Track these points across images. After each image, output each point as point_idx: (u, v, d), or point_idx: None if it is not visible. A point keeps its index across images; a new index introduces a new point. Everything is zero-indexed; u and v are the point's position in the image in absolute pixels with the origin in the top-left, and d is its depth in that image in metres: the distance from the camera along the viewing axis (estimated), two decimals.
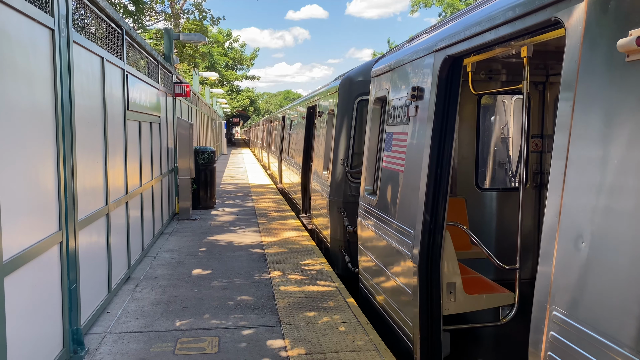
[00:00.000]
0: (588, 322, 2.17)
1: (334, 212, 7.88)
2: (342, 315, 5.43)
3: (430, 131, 4.09)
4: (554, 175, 2.46)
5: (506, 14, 3.05)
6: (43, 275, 3.93)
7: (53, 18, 4.10)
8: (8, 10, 3.35)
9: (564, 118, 2.42)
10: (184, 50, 26.67)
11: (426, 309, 4.15)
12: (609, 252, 2.11)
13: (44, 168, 3.96)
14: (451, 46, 3.87)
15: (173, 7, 26.89)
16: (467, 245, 5.56)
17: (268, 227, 10.44)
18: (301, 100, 14.26)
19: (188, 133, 11.15)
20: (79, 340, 4.48)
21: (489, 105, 6.55)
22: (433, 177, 4.08)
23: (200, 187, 12.50)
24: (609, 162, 2.14)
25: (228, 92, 53.28)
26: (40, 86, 3.91)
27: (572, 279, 2.30)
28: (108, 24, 5.97)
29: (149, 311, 5.55)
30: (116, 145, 6.13)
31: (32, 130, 3.74)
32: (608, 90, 2.17)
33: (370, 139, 6.04)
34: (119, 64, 6.31)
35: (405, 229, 4.45)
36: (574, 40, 2.39)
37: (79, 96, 4.74)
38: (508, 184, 6.64)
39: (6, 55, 3.32)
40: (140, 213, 7.59)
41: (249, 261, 7.69)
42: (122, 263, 6.50)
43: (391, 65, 5.36)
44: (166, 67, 10.51)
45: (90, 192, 5.10)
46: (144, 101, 7.79)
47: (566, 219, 2.35)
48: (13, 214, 3.37)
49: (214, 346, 4.67)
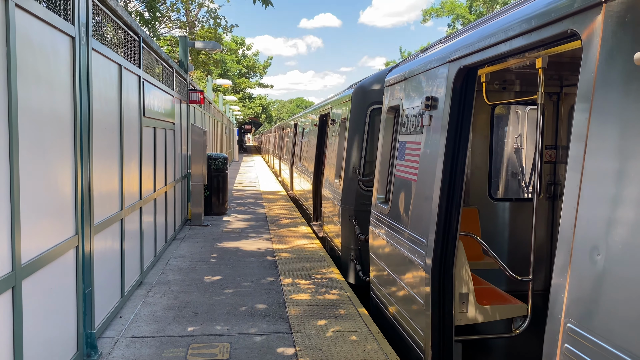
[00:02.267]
0: (603, 335, 2.16)
1: (346, 220, 7.88)
2: (353, 324, 5.43)
3: (444, 141, 4.10)
4: (569, 187, 2.45)
5: (522, 26, 3.06)
6: (59, 278, 3.98)
7: (73, 26, 4.18)
8: (31, 19, 3.43)
9: (579, 129, 2.42)
10: (198, 57, 26.94)
11: (438, 319, 4.13)
12: (624, 264, 2.10)
13: (62, 173, 4.03)
14: (466, 57, 3.89)
15: (188, 14, 27.21)
16: (480, 256, 5.53)
17: (279, 234, 10.47)
18: (314, 108, 14.32)
19: (201, 140, 11.24)
20: (93, 344, 4.52)
21: (502, 115, 6.53)
22: (446, 187, 4.08)
23: (213, 193, 12.58)
24: (625, 174, 2.14)
25: (241, 99, 53.61)
26: (60, 92, 3.98)
27: (587, 291, 2.29)
28: (126, 32, 6.07)
29: (161, 316, 5.59)
30: (132, 151, 6.21)
31: (51, 136, 3.81)
32: (625, 102, 2.17)
33: (382, 147, 6.05)
34: (135, 71, 6.40)
35: (418, 238, 4.45)
36: (590, 52, 2.39)
37: (97, 102, 4.82)
38: (521, 194, 6.61)
39: (29, 62, 3.39)
40: (153, 218, 7.66)
41: (260, 268, 7.72)
42: (135, 268, 6.55)
43: (405, 74, 5.38)
44: (181, 74, 10.62)
45: (105, 197, 5.17)
46: (159, 108, 7.88)
47: (581, 231, 2.35)
48: (32, 218, 3.43)
49: (225, 352, 4.69)
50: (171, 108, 9.05)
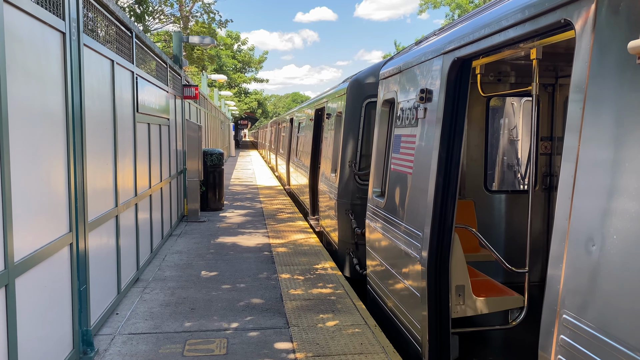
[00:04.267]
0: (599, 326, 2.16)
1: (342, 214, 7.88)
2: (350, 318, 5.43)
3: (439, 133, 4.08)
4: (563, 178, 2.44)
5: (516, 16, 3.04)
6: (53, 276, 3.96)
7: (64, 21, 4.13)
8: (20, 14, 3.39)
9: (574, 120, 2.40)
10: (193, 52, 26.81)
11: (435, 311, 4.14)
12: (620, 254, 2.10)
13: (54, 170, 4.00)
14: (460, 48, 3.87)
15: (182, 9, 27.06)
16: (476, 248, 5.53)
17: (276, 229, 10.46)
18: (309, 102, 14.28)
19: (197, 135, 11.20)
20: (89, 341, 4.51)
21: (497, 107, 6.52)
22: (442, 179, 4.07)
23: (209, 189, 12.55)
24: (620, 164, 2.12)
25: (236, 95, 53.48)
26: (51, 89, 3.94)
27: (583, 282, 2.28)
28: (118, 27, 6.02)
29: (157, 312, 5.57)
30: (126, 147, 6.18)
31: (43, 132, 3.78)
32: (619, 92, 2.16)
33: (378, 141, 6.03)
34: (128, 67, 6.35)
35: (414, 231, 4.44)
36: (584, 42, 2.38)
37: (89, 99, 4.78)
38: (517, 186, 6.61)
39: (18, 58, 3.35)
40: (149, 215, 7.63)
41: (257, 263, 7.71)
42: (131, 264, 6.53)
43: (399, 67, 5.35)
44: (175, 69, 10.56)
45: (100, 194, 5.14)
46: (153, 103, 7.84)
47: (576, 222, 2.34)
48: (24, 215, 3.40)
49: (222, 348, 4.68)
50: (165, 104, 9.01)
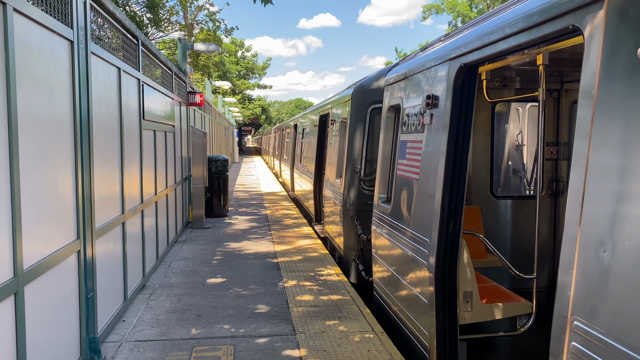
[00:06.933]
0: (611, 332, 2.14)
1: (347, 220, 7.87)
2: (356, 325, 5.41)
3: (446, 139, 4.08)
4: (573, 183, 2.44)
5: (522, 23, 3.04)
6: (61, 283, 3.97)
7: (72, 30, 4.17)
8: (30, 23, 3.42)
9: (583, 125, 2.40)
10: (198, 60, 26.94)
11: (442, 318, 4.12)
12: (632, 260, 2.08)
13: (62, 177, 4.01)
14: (466, 54, 3.87)
15: (187, 17, 27.22)
16: (483, 254, 5.51)
17: (281, 235, 10.45)
18: (313, 108, 14.31)
19: (202, 142, 11.23)
20: (96, 349, 4.50)
21: (503, 112, 6.51)
22: (449, 185, 4.07)
23: (214, 195, 12.57)
24: (631, 169, 2.12)
25: (240, 101, 53.62)
26: (59, 96, 3.97)
27: (594, 288, 2.27)
28: (125, 35, 6.06)
29: (164, 319, 5.57)
30: (132, 154, 6.20)
31: (51, 140, 3.80)
32: (628, 97, 2.16)
33: (383, 146, 6.03)
34: (134, 74, 6.38)
35: (421, 237, 4.43)
36: (593, 47, 2.37)
37: (97, 106, 4.80)
38: (523, 191, 6.59)
39: (28, 66, 3.38)
40: (155, 221, 7.64)
41: (262, 269, 7.70)
42: (138, 271, 6.54)
43: (405, 73, 5.36)
44: (180, 76, 10.61)
45: (107, 201, 5.16)
46: (159, 110, 7.87)
47: (587, 227, 2.33)
48: (33, 223, 3.42)
49: (229, 355, 4.67)
50: (171, 111, 9.04)
